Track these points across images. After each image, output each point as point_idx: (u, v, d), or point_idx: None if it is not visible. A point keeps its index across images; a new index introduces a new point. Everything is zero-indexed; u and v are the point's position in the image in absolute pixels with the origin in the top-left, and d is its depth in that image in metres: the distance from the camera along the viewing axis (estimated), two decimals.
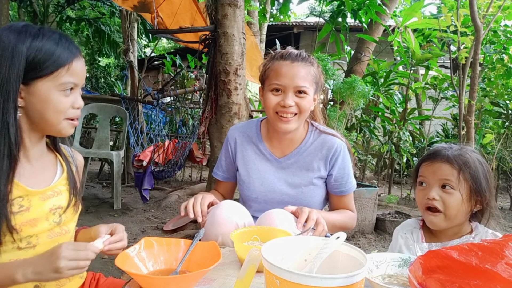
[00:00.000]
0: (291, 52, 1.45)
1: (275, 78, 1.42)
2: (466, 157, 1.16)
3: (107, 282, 1.16)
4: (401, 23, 4.03)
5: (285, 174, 1.53)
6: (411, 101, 5.82)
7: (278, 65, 1.43)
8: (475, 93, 3.21)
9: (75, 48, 1.00)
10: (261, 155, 1.55)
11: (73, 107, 1.01)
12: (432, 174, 1.19)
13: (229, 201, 1.42)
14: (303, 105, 1.42)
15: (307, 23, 10.10)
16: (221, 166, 1.65)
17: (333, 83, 3.64)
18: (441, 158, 1.18)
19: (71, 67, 0.98)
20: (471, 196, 1.15)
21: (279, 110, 1.41)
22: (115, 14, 8.07)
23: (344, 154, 1.52)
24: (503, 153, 4.77)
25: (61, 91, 0.97)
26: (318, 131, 1.55)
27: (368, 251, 3.01)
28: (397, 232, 1.30)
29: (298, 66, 1.41)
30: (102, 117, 4.44)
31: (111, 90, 8.29)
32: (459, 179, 1.15)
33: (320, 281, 0.69)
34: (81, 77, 1.02)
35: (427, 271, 0.73)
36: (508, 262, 0.66)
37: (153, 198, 4.40)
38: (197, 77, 6.80)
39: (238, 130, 1.61)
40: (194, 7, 4.30)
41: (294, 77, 1.40)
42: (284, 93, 1.41)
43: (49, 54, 0.95)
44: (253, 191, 1.53)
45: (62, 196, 1.05)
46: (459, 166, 1.15)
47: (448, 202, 1.15)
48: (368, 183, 4.15)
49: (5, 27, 0.96)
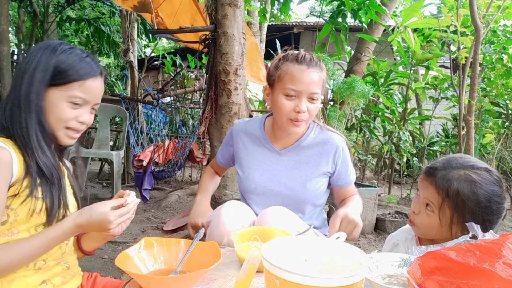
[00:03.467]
0: (306, 57, 1.43)
1: (290, 82, 1.40)
2: (457, 186, 1.05)
3: (104, 281, 1.17)
4: (401, 23, 4.03)
5: (284, 166, 1.54)
6: (411, 101, 5.83)
7: (293, 69, 1.41)
8: (475, 93, 3.21)
9: (96, 69, 1.08)
10: (262, 147, 1.57)
11: (77, 120, 1.06)
12: (421, 190, 1.16)
13: (234, 201, 1.44)
14: (314, 110, 1.44)
15: (307, 23, 10.10)
16: (221, 152, 1.71)
17: (333, 83, 3.64)
18: (432, 179, 1.11)
19: (85, 84, 1.05)
20: (452, 224, 1.08)
21: (293, 116, 1.41)
22: (115, 14, 8.08)
23: (345, 150, 1.55)
24: (503, 153, 4.77)
25: (68, 102, 1.04)
26: (320, 127, 1.58)
27: (368, 251, 3.01)
28: (391, 238, 1.30)
29: (313, 72, 1.41)
30: (102, 117, 4.44)
31: (111, 90, 8.28)
32: (441, 206, 1.08)
33: (320, 281, 0.69)
34: (93, 96, 1.08)
35: (425, 272, 0.73)
36: (506, 261, 0.66)
37: (153, 198, 4.40)
38: (197, 77, 6.81)
39: (242, 124, 1.65)
40: (194, 7, 4.30)
41: (310, 83, 1.40)
42: (298, 98, 1.40)
43: (70, 67, 1.04)
44: (252, 181, 1.54)
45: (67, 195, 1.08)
46: (444, 194, 1.07)
47: (422, 220, 1.14)
48: (368, 183, 4.15)
49: (43, 43, 1.08)
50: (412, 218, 1.17)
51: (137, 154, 3.84)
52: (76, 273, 1.12)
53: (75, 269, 1.12)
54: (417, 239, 1.23)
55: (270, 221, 1.32)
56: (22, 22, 7.85)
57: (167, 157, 3.93)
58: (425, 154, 5.01)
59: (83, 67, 1.05)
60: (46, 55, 1.03)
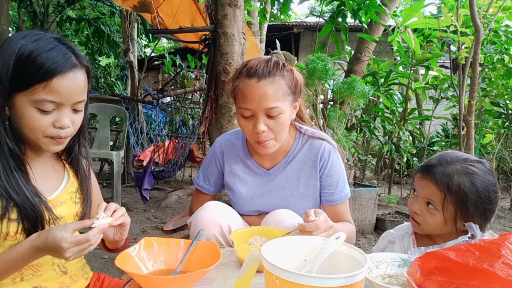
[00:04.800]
0: (257, 69, 1.25)
1: (242, 101, 1.27)
2: (460, 180, 1.06)
3: (112, 283, 1.15)
4: (401, 23, 4.03)
5: (275, 186, 1.43)
6: (411, 101, 5.82)
7: (244, 85, 1.26)
8: (475, 93, 3.21)
9: (63, 62, 0.88)
10: (248, 169, 1.45)
11: (54, 126, 0.90)
12: (419, 189, 1.14)
13: (214, 202, 1.37)
14: (277, 127, 1.27)
15: (307, 23, 10.10)
16: (207, 180, 1.52)
17: (333, 83, 3.64)
18: (430, 176, 1.11)
19: (51, 84, 0.86)
20: (457, 218, 1.09)
21: (255, 138, 1.29)
22: (115, 14, 8.08)
23: (332, 159, 1.40)
24: (503, 153, 4.77)
25: (35, 108, 0.87)
26: (306, 136, 1.43)
27: (368, 251, 3.01)
28: (387, 235, 1.28)
29: (265, 85, 1.23)
30: (102, 117, 4.44)
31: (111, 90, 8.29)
32: (444, 202, 1.08)
33: (320, 281, 0.69)
34: (67, 96, 0.89)
35: (425, 273, 0.73)
36: (505, 261, 0.66)
37: (153, 198, 4.40)
38: (197, 77, 6.81)
39: (224, 142, 1.50)
40: (194, 7, 4.30)
41: (261, 99, 1.23)
42: (255, 117, 1.26)
43: (30, 64, 0.85)
44: (244, 206, 1.46)
45: (65, 206, 1.03)
46: (446, 190, 1.07)
47: (426, 220, 1.12)
48: (368, 183, 4.15)
49: (14, 35, 0.91)
50: (417, 219, 1.15)
51: (137, 154, 3.84)
52: (81, 276, 1.09)
53: (79, 273, 1.09)
54: (414, 238, 1.23)
55: (283, 218, 1.27)
56: (22, 22, 7.85)
57: (167, 157, 3.93)
58: (425, 154, 5.01)
59: (45, 63, 0.85)
60: (8, 52, 0.86)
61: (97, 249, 1.21)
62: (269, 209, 1.41)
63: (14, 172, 0.89)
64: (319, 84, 3.32)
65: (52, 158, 1.06)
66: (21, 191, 0.89)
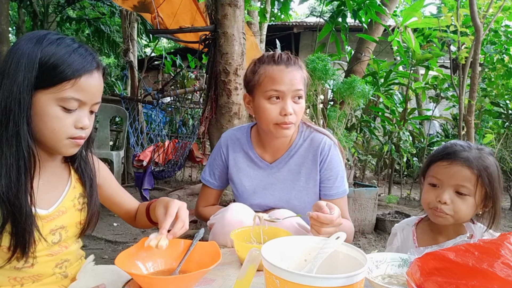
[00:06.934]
0: (283, 56, 1.36)
1: (271, 84, 1.33)
2: (486, 161, 1.10)
3: None
4: (401, 23, 4.03)
5: (277, 180, 1.47)
6: (411, 101, 5.83)
7: (272, 70, 1.34)
8: (475, 93, 3.21)
9: (91, 62, 0.91)
10: (252, 163, 1.50)
11: (76, 126, 0.91)
12: (448, 178, 1.12)
13: (238, 204, 1.40)
14: (299, 111, 1.36)
15: (307, 23, 10.10)
16: (213, 174, 1.57)
17: (333, 83, 3.64)
18: (461, 161, 1.10)
19: (79, 82, 0.88)
20: (483, 201, 1.12)
21: (280, 120, 1.34)
22: (115, 14, 8.09)
23: (332, 154, 1.44)
24: (503, 153, 4.77)
25: (60, 106, 0.88)
26: (309, 129, 1.49)
27: (368, 251, 3.01)
28: (394, 228, 1.31)
29: (293, 71, 1.34)
30: (102, 117, 4.44)
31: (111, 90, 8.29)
32: (477, 185, 1.09)
33: (320, 281, 0.69)
34: (91, 95, 0.91)
35: (425, 273, 0.73)
36: (505, 261, 0.67)
37: (153, 198, 4.37)
38: (197, 77, 6.81)
39: (229, 137, 1.55)
40: (194, 7, 4.31)
41: (292, 81, 1.32)
42: (283, 100, 1.33)
43: (59, 62, 0.86)
44: (246, 199, 1.49)
45: (67, 215, 1.01)
46: (479, 171, 1.09)
47: (458, 208, 1.11)
48: (368, 183, 4.15)
49: (26, 35, 0.90)
50: (446, 210, 1.11)
51: (137, 154, 3.84)
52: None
53: None
54: (414, 230, 1.24)
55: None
56: (22, 22, 7.85)
57: (167, 157, 3.94)
58: (425, 154, 5.01)
59: (74, 61, 0.87)
60: (29, 50, 0.86)
61: (97, 249, 1.21)
62: (270, 202, 1.46)
63: (22, 176, 0.87)
64: (319, 84, 3.33)
65: (59, 162, 1.04)
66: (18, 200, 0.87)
